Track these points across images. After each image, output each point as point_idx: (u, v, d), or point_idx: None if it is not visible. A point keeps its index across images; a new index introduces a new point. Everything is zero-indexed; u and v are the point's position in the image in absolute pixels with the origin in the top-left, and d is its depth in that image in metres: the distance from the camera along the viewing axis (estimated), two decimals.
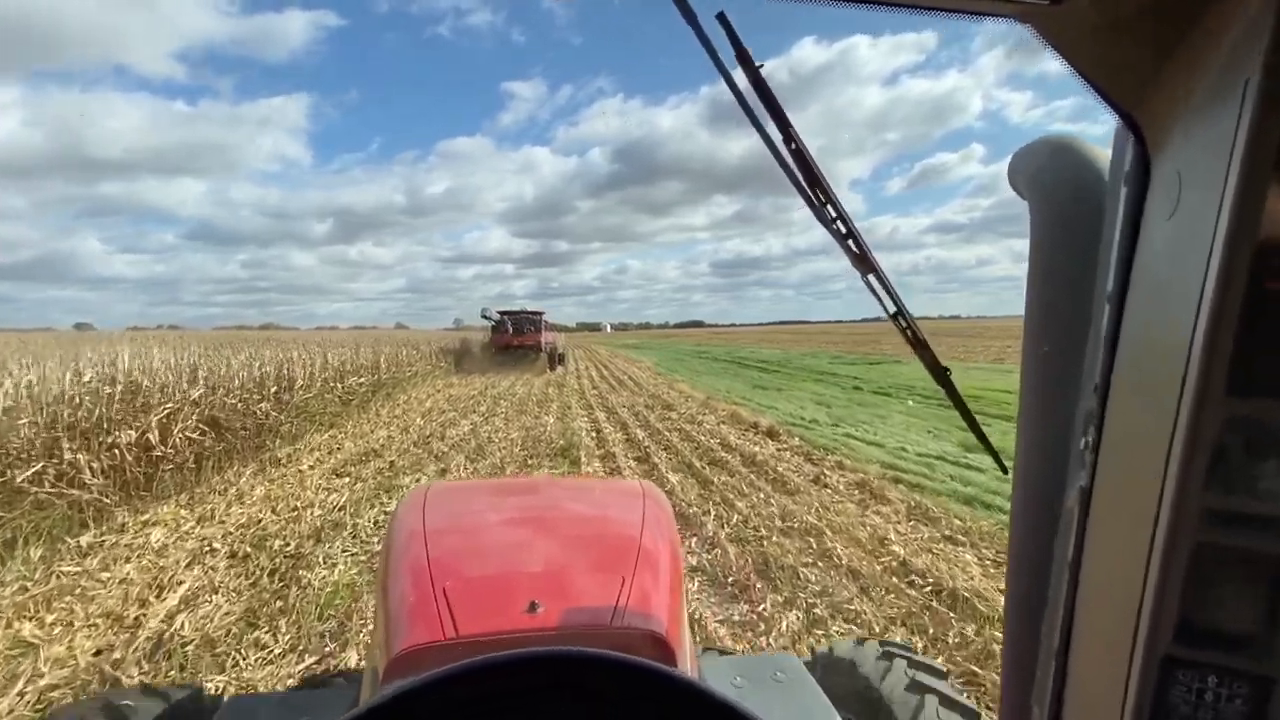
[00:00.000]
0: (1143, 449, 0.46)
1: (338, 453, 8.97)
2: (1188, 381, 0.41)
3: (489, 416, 12.77)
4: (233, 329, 53.66)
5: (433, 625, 1.14)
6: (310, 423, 10.25)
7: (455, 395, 16.58)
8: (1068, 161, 0.60)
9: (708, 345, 65.72)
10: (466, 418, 12.52)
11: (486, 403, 15.08)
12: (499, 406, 14.22)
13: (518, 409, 13.89)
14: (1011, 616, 0.63)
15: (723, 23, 0.68)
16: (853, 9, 0.49)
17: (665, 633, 1.17)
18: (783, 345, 57.21)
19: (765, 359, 35.14)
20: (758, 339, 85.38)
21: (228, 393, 7.93)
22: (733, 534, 5.47)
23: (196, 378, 7.52)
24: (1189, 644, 0.44)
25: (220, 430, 7.60)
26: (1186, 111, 0.44)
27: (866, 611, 3.97)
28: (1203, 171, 0.41)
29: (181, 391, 7.19)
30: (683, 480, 7.35)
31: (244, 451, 8.03)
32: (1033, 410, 0.61)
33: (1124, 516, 0.49)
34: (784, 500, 6.47)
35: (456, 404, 14.81)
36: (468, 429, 11.14)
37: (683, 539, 4.56)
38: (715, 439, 9.94)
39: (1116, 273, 0.50)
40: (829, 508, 6.21)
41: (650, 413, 13.13)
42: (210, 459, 7.43)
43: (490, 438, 10.31)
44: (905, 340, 0.89)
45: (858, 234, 0.81)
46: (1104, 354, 0.51)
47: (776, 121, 0.74)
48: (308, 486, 7.04)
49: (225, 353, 10.63)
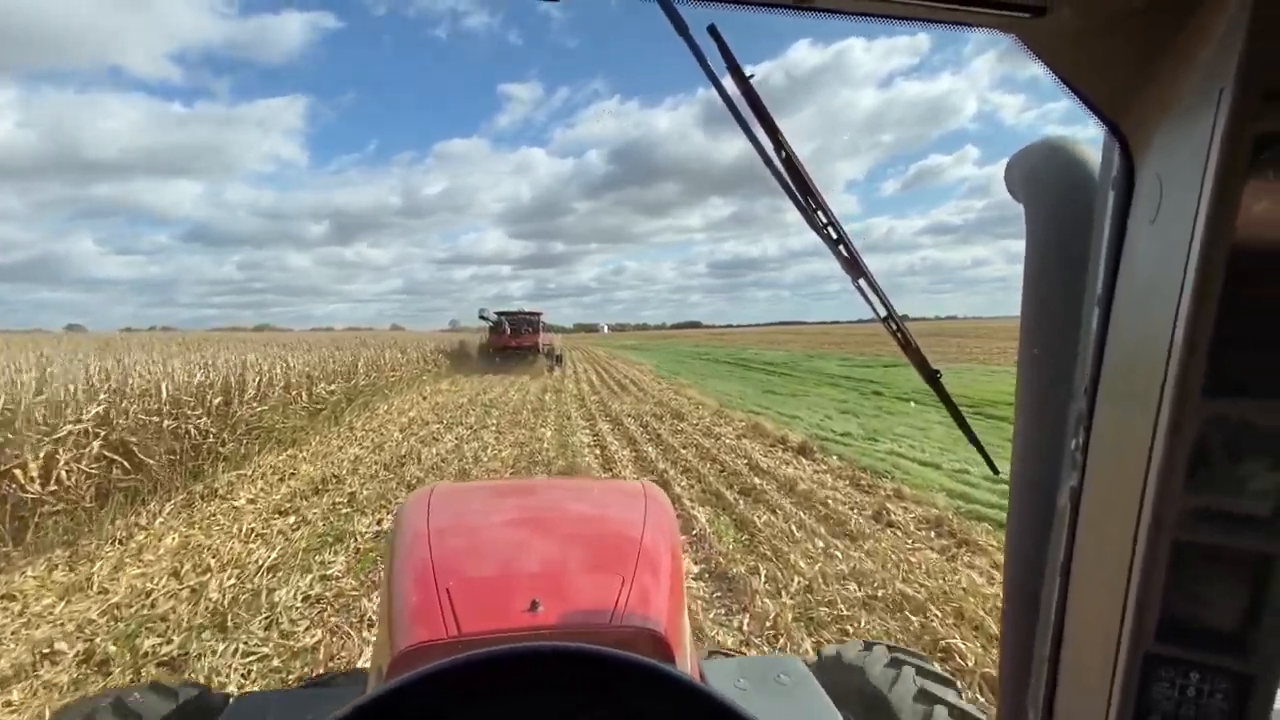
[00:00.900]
0: (1127, 449, 0.46)
1: (290, 479, 7.43)
2: (1168, 383, 0.42)
3: (477, 429, 11.27)
4: (227, 330, 53.29)
5: (435, 624, 1.15)
6: (265, 441, 8.71)
7: (442, 404, 15.04)
8: (1061, 165, 0.61)
9: (707, 346, 64.29)
10: (452, 431, 11.00)
11: (476, 412, 13.58)
12: (489, 417, 12.72)
13: (511, 419, 12.40)
14: (1008, 617, 0.65)
15: (714, 35, 0.68)
16: (839, 20, 0.50)
17: (664, 632, 1.18)
18: (783, 346, 55.80)
19: (770, 361, 33.69)
20: (757, 340, 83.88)
21: (144, 409, 6.39)
22: (800, 611, 3.99)
23: (97, 391, 5.96)
24: (1171, 641, 0.44)
25: (134, 457, 6.08)
26: (1166, 118, 0.45)
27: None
28: (1182, 177, 0.42)
29: (77, 409, 5.66)
30: (714, 518, 5.87)
31: (169, 482, 6.52)
32: (1028, 411, 0.62)
33: (1110, 516, 0.49)
34: (848, 550, 5.00)
35: (443, 413, 13.28)
36: (451, 445, 9.63)
37: (728, 614, 4.01)
38: (740, 458, 8.47)
39: (1104, 276, 0.52)
40: (909, 560, 4.74)
41: (659, 423, 11.66)
42: (122, 494, 5.92)
43: (477, 456, 8.81)
44: (896, 343, 0.88)
45: (848, 239, 0.82)
46: (1093, 356, 0.52)
47: (767, 131, 0.75)
48: (237, 532, 5.53)
49: (166, 355, 9.10)
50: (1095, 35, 0.46)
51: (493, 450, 9.26)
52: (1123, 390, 0.49)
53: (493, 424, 11.80)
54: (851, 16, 0.49)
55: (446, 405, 14.66)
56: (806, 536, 5.33)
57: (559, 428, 11.58)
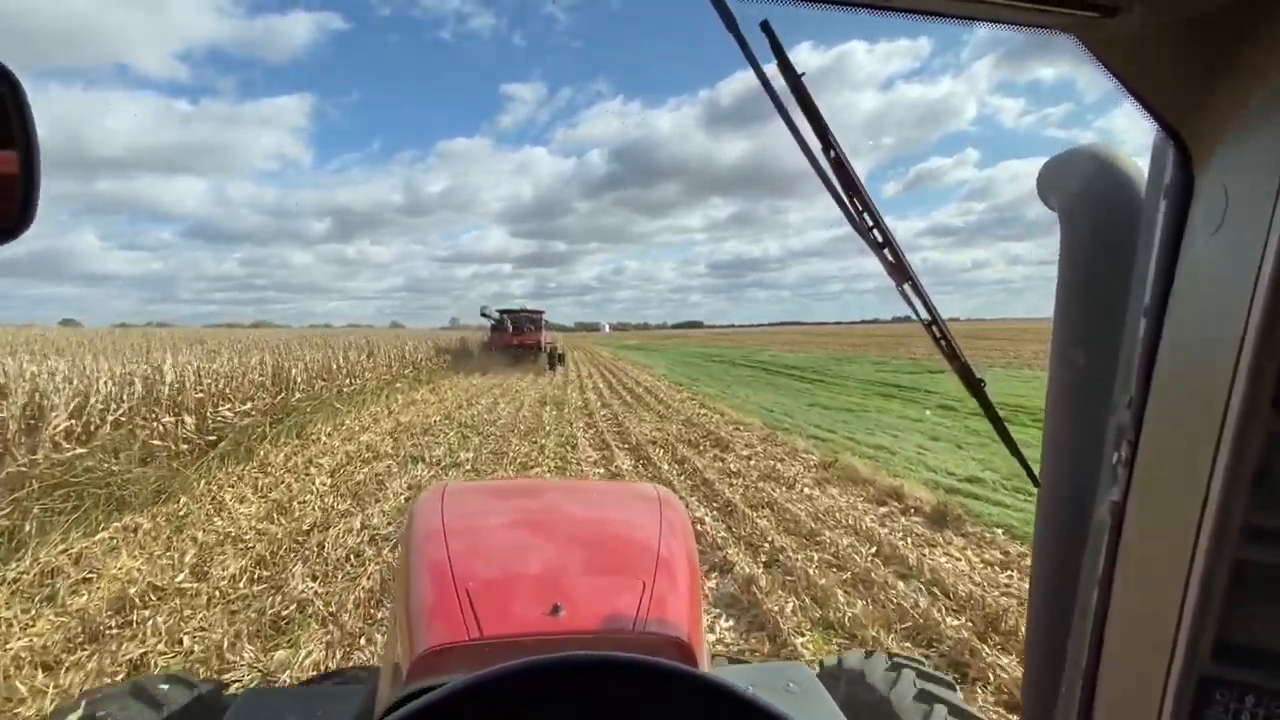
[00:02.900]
0: (1182, 463, 0.45)
1: (81, 594, 4.21)
2: (1233, 396, 0.40)
3: (448, 466, 8.06)
4: (223, 326, 52.85)
5: (456, 625, 1.13)
6: (96, 503, 5.46)
7: (409, 423, 11.80)
8: (1100, 173, 0.60)
9: (715, 347, 60.98)
10: (408, 471, 7.73)
11: (453, 433, 10.36)
12: (467, 445, 9.45)
13: (495, 449, 9.18)
14: (1033, 630, 0.63)
15: (766, 31, 0.68)
16: (904, 19, 0.49)
17: (688, 638, 1.16)
18: (798, 347, 52.48)
19: (794, 365, 30.42)
20: (765, 340, 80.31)
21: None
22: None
23: None
24: (1227, 663, 0.43)
25: None
26: (1234, 125, 0.43)
27: None
28: (1251, 186, 0.41)
29: None
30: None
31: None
32: (1061, 422, 0.61)
33: (1161, 532, 0.48)
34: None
35: (404, 440, 10.01)
36: (401, 501, 6.37)
37: None
38: (845, 529, 5.30)
39: (1155, 286, 0.50)
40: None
41: (698, 455, 8.47)
42: None
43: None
44: (939, 350, 0.87)
45: (895, 242, 0.80)
46: (1140, 367, 0.51)
47: (816, 130, 0.74)
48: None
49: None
50: (1161, 38, 0.45)
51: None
52: (1179, 402, 0.47)
53: (469, 456, 8.56)
54: (918, 16, 0.48)
55: (414, 426, 11.44)
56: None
57: (562, 459, 8.39)
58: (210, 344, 14.70)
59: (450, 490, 1.74)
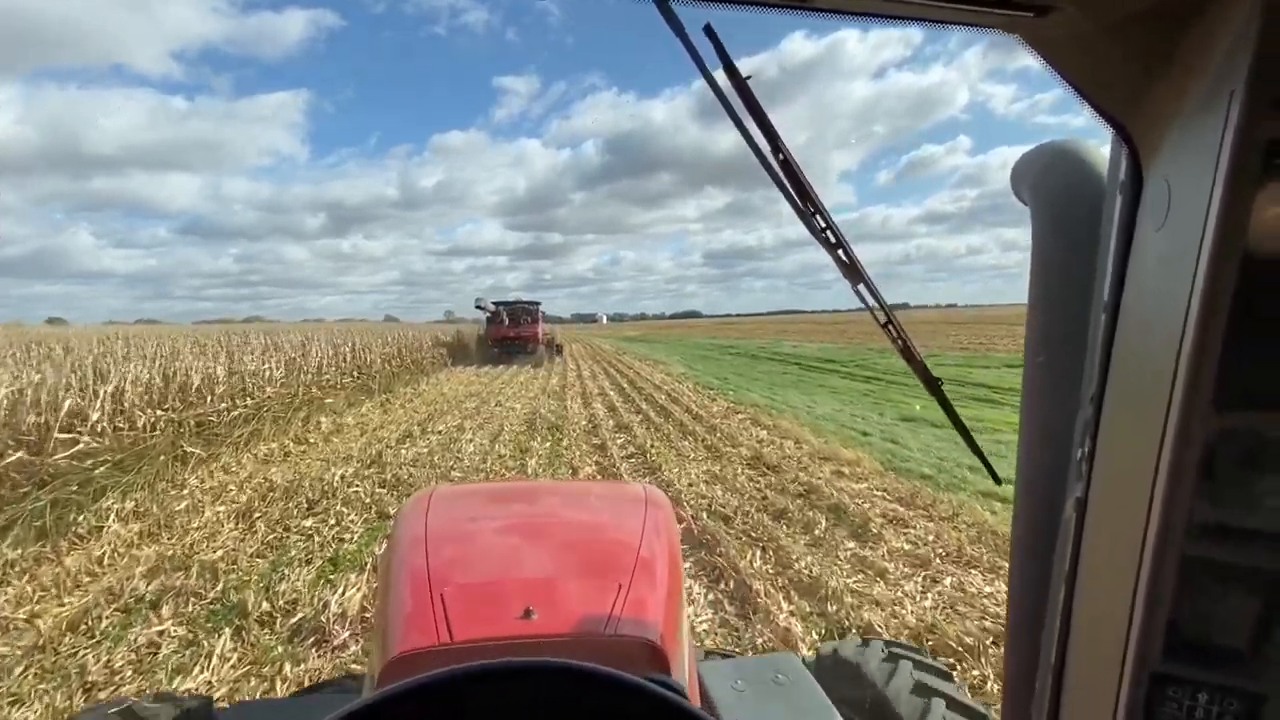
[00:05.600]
0: (1133, 460, 0.45)
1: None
2: (1175, 393, 0.40)
3: (345, 570, 4.20)
4: (216, 322, 50.20)
5: (428, 630, 1.12)
6: None
7: (344, 453, 7.94)
8: (1068, 169, 0.59)
9: (724, 338, 57.13)
10: (296, 571, 3.91)
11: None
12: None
13: None
14: (1013, 628, 0.63)
15: (710, 35, 0.66)
16: (840, 21, 0.48)
17: (660, 640, 1.15)
18: (811, 336, 48.67)
19: (826, 357, 26.57)
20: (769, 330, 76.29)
21: None
22: None
23: None
24: (1179, 660, 0.43)
25: None
26: (1175, 122, 0.43)
27: None
28: (1191, 182, 0.40)
29: None
30: None
31: None
32: (1033, 418, 0.61)
33: (1116, 529, 0.47)
34: None
35: (336, 492, 6.20)
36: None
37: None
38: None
39: (1111, 282, 0.50)
40: None
41: (811, 548, 4.59)
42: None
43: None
44: (896, 350, 0.87)
45: (846, 243, 0.80)
46: (1099, 364, 0.51)
47: (764, 132, 0.73)
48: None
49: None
50: (1101, 36, 0.44)
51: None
52: (1130, 399, 0.47)
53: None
54: (852, 16, 0.48)
55: (351, 457, 7.55)
56: None
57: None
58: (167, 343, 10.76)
59: (439, 494, 1.73)
